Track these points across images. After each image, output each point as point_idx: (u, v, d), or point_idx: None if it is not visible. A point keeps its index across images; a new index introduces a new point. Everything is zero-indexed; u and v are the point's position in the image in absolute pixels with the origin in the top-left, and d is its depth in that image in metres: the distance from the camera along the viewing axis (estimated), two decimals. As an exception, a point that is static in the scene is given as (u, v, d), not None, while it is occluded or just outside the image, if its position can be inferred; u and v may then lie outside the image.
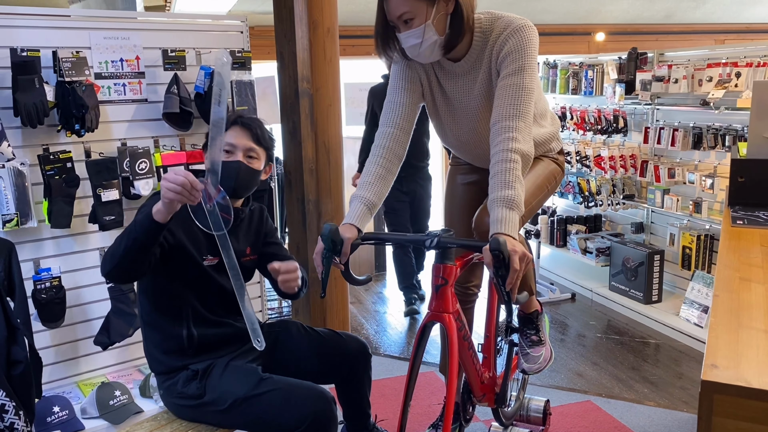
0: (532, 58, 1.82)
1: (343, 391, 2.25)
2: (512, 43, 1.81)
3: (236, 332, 2.10)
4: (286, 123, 3.56)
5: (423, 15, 1.75)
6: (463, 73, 1.94)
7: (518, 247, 1.60)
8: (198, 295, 2.03)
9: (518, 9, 6.58)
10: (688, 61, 4.09)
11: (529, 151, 1.78)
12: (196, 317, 2.02)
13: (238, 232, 2.13)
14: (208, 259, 2.02)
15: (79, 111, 2.64)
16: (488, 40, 1.86)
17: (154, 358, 2.06)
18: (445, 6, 1.77)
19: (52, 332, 2.85)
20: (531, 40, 1.82)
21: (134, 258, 1.79)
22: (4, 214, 2.61)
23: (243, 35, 3.23)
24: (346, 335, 2.23)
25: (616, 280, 4.52)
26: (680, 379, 3.38)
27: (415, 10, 1.75)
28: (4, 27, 2.63)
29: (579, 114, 4.86)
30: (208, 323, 2.05)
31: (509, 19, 1.85)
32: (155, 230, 1.76)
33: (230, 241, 2.07)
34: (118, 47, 2.91)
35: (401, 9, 1.75)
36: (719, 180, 3.82)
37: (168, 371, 2.02)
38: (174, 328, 2.01)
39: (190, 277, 2.01)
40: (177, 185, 1.67)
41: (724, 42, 7.99)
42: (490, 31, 1.86)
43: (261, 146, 2.07)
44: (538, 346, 2.26)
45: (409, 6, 1.74)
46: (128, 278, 1.92)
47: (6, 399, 1.67)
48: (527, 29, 1.82)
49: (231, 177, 2.00)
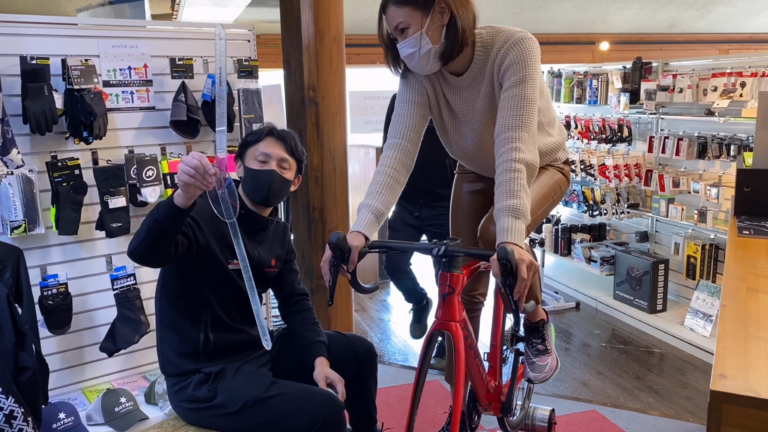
0: (534, 69, 1.83)
1: (350, 394, 2.26)
2: (513, 55, 1.83)
3: (250, 339, 2.13)
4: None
5: (418, 24, 1.79)
6: (466, 86, 1.96)
7: (525, 256, 1.60)
8: (219, 299, 2.06)
9: (523, 18, 6.61)
10: (693, 70, 4.11)
11: (533, 161, 1.79)
12: (215, 322, 2.05)
13: (265, 241, 2.18)
14: (232, 263, 2.05)
15: (87, 118, 2.66)
16: (489, 53, 1.89)
17: (168, 359, 2.08)
18: (440, 17, 1.80)
19: (58, 338, 2.86)
20: (532, 51, 1.83)
21: (156, 238, 1.78)
22: (12, 221, 2.63)
23: (250, 44, 3.25)
24: (351, 336, 2.26)
25: (620, 289, 4.52)
26: (685, 388, 3.37)
27: (410, 19, 1.79)
28: (13, 35, 2.65)
29: (583, 123, 4.87)
30: (226, 329, 2.07)
31: (510, 32, 1.87)
32: (176, 214, 1.75)
33: (257, 249, 2.13)
34: (126, 55, 2.93)
35: (397, 19, 1.81)
36: (724, 189, 3.82)
37: (180, 374, 2.04)
38: (192, 331, 2.03)
39: (213, 280, 2.04)
40: (191, 168, 1.67)
41: (728, 51, 8.00)
42: (491, 45, 1.88)
43: (294, 158, 2.15)
44: (544, 355, 2.26)
45: (404, 15, 1.79)
46: (150, 260, 1.87)
47: (15, 405, 1.67)
48: (528, 41, 1.84)
49: (264, 185, 2.08)
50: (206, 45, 3.15)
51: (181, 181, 1.70)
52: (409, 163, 1.97)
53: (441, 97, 2.02)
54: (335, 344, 2.21)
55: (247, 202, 2.13)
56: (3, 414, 1.67)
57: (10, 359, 1.84)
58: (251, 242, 2.13)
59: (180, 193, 1.73)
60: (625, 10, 6.89)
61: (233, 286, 2.07)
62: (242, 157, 2.15)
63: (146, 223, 1.79)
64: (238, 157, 2.17)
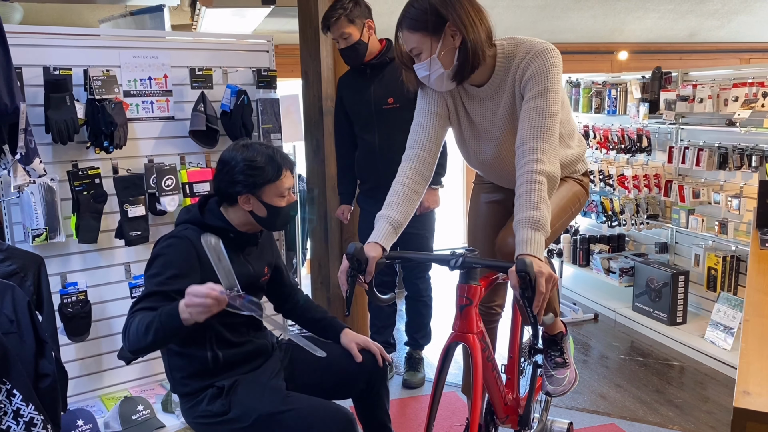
0: (556, 80, 1.82)
1: (362, 407, 2.24)
2: (535, 66, 1.82)
3: (257, 348, 2.12)
4: (309, 141, 3.60)
5: (429, 50, 1.80)
6: (487, 97, 1.96)
7: (544, 269, 1.59)
8: (219, 320, 2.03)
9: (541, 27, 6.59)
10: (713, 80, 4.06)
11: (554, 173, 1.78)
12: (219, 339, 2.04)
13: (255, 252, 2.15)
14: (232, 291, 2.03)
15: (108, 128, 2.69)
16: (511, 65, 1.88)
17: (179, 381, 2.07)
18: (452, 41, 1.80)
19: (77, 346, 2.89)
20: (554, 62, 1.82)
21: (159, 345, 1.85)
22: (33, 229, 2.66)
23: (269, 54, 3.27)
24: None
25: (639, 301, 4.47)
26: (706, 402, 3.32)
27: (421, 45, 1.81)
28: (37, 46, 2.70)
29: (602, 133, 4.84)
30: (231, 343, 2.06)
31: (531, 43, 1.86)
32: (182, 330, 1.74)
33: (250, 264, 2.10)
34: (147, 66, 2.96)
35: (410, 44, 1.83)
36: (746, 200, 3.77)
37: (192, 392, 2.03)
38: (198, 352, 2.02)
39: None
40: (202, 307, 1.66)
41: (749, 61, 7.91)
42: (513, 56, 1.87)
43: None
44: (562, 368, 2.23)
45: (416, 42, 1.81)
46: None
47: (35, 413, 1.69)
48: (550, 52, 1.83)
49: (288, 218, 2.09)
50: (225, 55, 3.18)
51: (192, 317, 1.68)
52: (427, 174, 1.97)
53: (460, 107, 2.01)
54: (344, 358, 2.18)
55: (239, 226, 2.06)
56: (23, 421, 1.69)
57: (30, 366, 1.86)
58: (243, 258, 2.09)
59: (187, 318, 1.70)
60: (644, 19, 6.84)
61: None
62: (256, 192, 1.99)
63: (151, 337, 1.75)
64: (249, 191, 1.99)
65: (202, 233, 1.76)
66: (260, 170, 1.97)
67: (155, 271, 1.92)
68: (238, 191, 1.98)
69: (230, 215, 2.05)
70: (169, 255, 1.93)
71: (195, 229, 2.00)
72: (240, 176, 1.96)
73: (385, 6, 5.96)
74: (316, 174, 3.59)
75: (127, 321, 1.84)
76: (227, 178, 1.99)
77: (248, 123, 3.10)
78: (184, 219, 2.06)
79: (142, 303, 1.86)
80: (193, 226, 2.01)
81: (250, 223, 2.05)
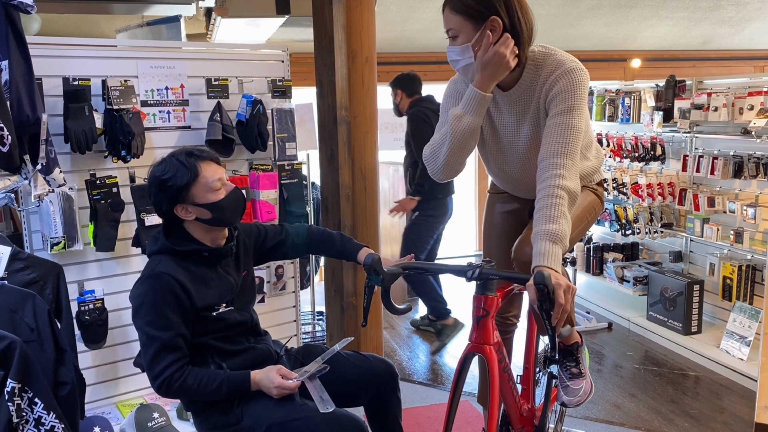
0: (582, 99, 1.84)
1: (374, 414, 2.24)
2: (562, 83, 1.83)
3: (260, 353, 2.12)
4: (324, 149, 3.61)
5: (466, 35, 1.81)
6: (512, 102, 1.96)
7: (562, 281, 1.59)
8: (215, 336, 2.04)
9: (554, 36, 6.59)
10: (728, 88, 4.04)
11: (575, 189, 1.79)
12: (220, 352, 2.04)
13: (231, 263, 2.13)
14: (220, 308, 2.04)
15: (125, 138, 2.72)
16: (539, 74, 1.89)
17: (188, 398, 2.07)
18: (491, 35, 1.79)
19: (93, 353, 2.91)
20: (582, 81, 1.84)
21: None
22: (52, 237, 2.69)
23: (284, 64, 3.30)
24: (370, 356, 2.22)
25: (654, 310, 4.44)
26: (722, 413, 3.29)
27: (460, 28, 1.81)
28: (56, 57, 2.73)
29: (615, 141, 4.83)
30: (232, 353, 2.07)
31: (561, 58, 1.87)
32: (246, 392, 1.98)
33: (230, 276, 2.10)
34: (164, 76, 2.99)
35: (449, 24, 1.83)
36: (761, 209, 3.75)
37: (204, 406, 2.03)
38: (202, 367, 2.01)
39: (208, 327, 2.03)
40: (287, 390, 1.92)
41: (764, 69, 7.87)
42: (542, 66, 1.88)
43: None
44: (578, 379, 2.22)
45: (456, 23, 1.81)
46: None
47: (56, 421, 1.70)
48: (578, 71, 1.85)
49: (239, 206, 2.07)
50: (241, 66, 3.21)
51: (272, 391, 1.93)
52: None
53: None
54: (354, 365, 2.17)
55: (205, 239, 2.03)
56: (44, 429, 1.71)
57: (50, 375, 1.88)
58: (222, 271, 2.08)
59: (261, 388, 1.96)
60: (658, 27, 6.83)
61: (227, 323, 2.06)
62: (184, 200, 1.95)
63: (216, 391, 1.94)
64: (176, 202, 1.96)
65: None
66: (172, 178, 1.94)
67: (151, 318, 1.91)
68: (169, 207, 1.97)
69: (192, 231, 2.02)
70: (155, 298, 1.92)
71: (166, 258, 1.98)
72: (160, 194, 1.96)
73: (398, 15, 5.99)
74: (331, 183, 3.60)
75: (168, 376, 1.90)
76: (154, 201, 1.99)
77: (263, 132, 3.12)
78: (153, 250, 2.03)
79: (170, 356, 1.91)
80: (165, 256, 2.00)
81: (211, 230, 2.03)
